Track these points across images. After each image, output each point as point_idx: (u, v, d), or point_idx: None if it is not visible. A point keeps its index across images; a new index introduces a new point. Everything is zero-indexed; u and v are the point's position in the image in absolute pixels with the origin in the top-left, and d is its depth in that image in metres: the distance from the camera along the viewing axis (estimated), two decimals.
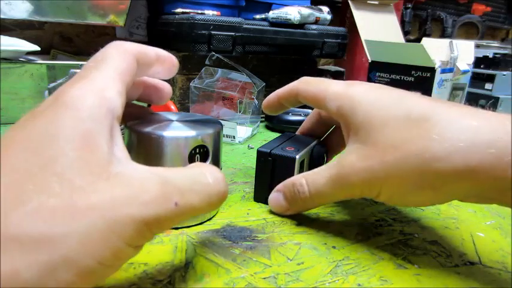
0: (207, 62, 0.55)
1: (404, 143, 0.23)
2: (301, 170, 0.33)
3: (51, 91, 0.36)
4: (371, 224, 0.31)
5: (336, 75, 0.78)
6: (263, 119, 0.64)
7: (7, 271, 0.13)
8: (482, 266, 0.26)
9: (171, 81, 0.63)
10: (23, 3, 0.56)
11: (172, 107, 0.51)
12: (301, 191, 0.28)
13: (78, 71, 0.35)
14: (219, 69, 0.56)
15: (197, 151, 0.27)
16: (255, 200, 0.34)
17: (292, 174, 0.31)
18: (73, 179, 0.15)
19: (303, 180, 0.28)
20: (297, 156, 0.31)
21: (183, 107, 0.61)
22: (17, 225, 0.14)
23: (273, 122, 0.61)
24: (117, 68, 0.19)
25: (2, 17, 0.55)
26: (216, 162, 0.29)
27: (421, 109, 0.24)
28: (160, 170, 0.18)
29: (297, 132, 0.38)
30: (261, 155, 0.32)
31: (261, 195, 0.33)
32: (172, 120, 0.28)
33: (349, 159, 0.26)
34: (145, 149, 0.26)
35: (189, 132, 0.26)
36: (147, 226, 0.16)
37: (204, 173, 0.19)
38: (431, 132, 0.22)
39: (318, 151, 0.34)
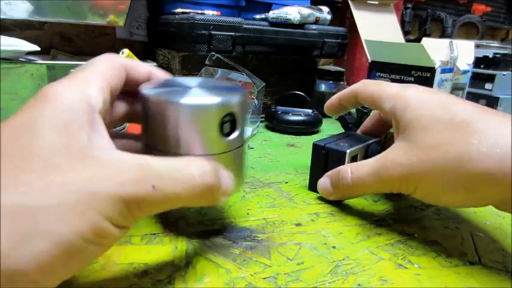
0: (207, 62, 0.55)
1: (444, 144, 0.25)
2: None
3: None
4: (371, 224, 0.31)
5: (336, 75, 0.78)
6: (263, 119, 0.64)
7: None
8: (482, 266, 0.26)
9: None
10: (23, 3, 0.56)
11: None
12: (345, 177, 0.31)
13: None
14: (219, 69, 0.56)
15: (224, 120, 0.24)
16: (309, 189, 0.37)
17: None
18: (50, 158, 0.16)
19: (349, 169, 0.31)
20: (348, 151, 0.33)
21: None
22: None
23: (273, 122, 0.61)
24: (100, 69, 0.21)
25: (2, 17, 0.55)
26: (243, 133, 0.26)
27: (465, 115, 0.25)
28: (142, 156, 0.18)
29: (358, 131, 0.40)
30: (315, 148, 0.35)
31: (314, 185, 0.35)
32: (192, 87, 0.25)
33: (392, 155, 0.28)
34: (166, 120, 0.22)
35: (215, 99, 0.23)
36: (125, 205, 0.16)
37: (188, 165, 0.19)
38: (472, 137, 0.24)
39: (374, 149, 0.36)
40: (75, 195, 0.15)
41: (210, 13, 0.63)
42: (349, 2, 0.80)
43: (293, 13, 0.63)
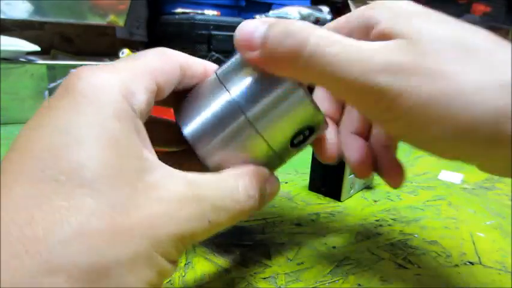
0: None
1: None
2: None
3: (51, 91, 0.36)
4: (371, 224, 0.31)
5: None
6: None
7: None
8: (482, 266, 0.26)
9: None
10: (23, 4, 0.56)
11: None
12: (299, 40, 0.17)
13: None
14: None
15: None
16: (309, 189, 0.37)
17: (343, 169, 0.33)
18: (107, 191, 0.13)
19: (308, 29, 0.17)
20: None
21: None
22: (61, 253, 0.12)
23: None
24: (149, 63, 0.17)
25: (2, 17, 0.55)
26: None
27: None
28: (194, 177, 0.17)
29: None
30: None
31: (314, 185, 0.37)
32: None
33: (377, 45, 0.17)
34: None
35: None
36: (182, 241, 0.16)
37: (237, 186, 0.18)
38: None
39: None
40: (143, 243, 0.14)
41: (210, 13, 0.63)
42: (349, 2, 0.80)
43: (293, 13, 0.63)
